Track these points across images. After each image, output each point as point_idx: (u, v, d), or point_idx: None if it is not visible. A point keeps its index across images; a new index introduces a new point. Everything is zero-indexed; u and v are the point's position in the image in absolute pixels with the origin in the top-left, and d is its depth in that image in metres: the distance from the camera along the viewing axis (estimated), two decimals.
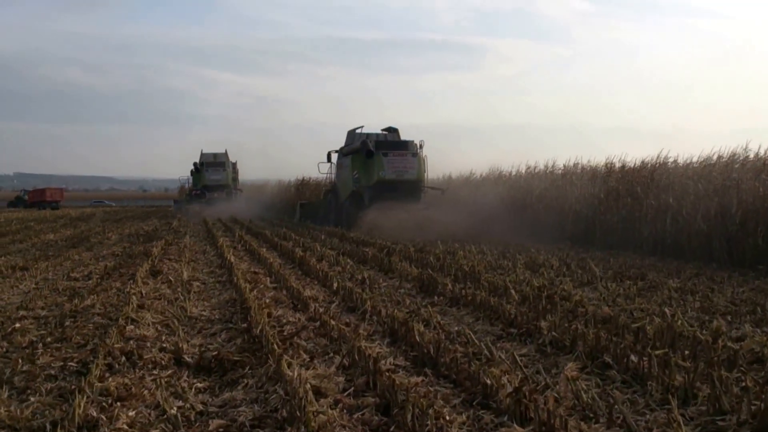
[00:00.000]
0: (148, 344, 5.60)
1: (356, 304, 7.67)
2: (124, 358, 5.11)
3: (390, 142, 22.22)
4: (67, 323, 6.65)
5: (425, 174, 22.44)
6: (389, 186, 21.06)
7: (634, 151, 22.46)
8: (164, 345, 5.61)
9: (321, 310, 7.08)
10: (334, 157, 24.45)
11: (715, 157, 14.86)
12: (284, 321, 6.72)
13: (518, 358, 5.50)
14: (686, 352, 5.44)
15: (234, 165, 38.75)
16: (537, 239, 17.81)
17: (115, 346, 5.26)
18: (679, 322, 6.03)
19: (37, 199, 63.54)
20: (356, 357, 5.09)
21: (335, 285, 8.85)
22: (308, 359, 5.27)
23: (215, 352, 5.37)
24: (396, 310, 7.12)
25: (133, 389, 4.33)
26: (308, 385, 4.35)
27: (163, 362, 5.14)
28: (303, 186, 34.76)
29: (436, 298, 8.52)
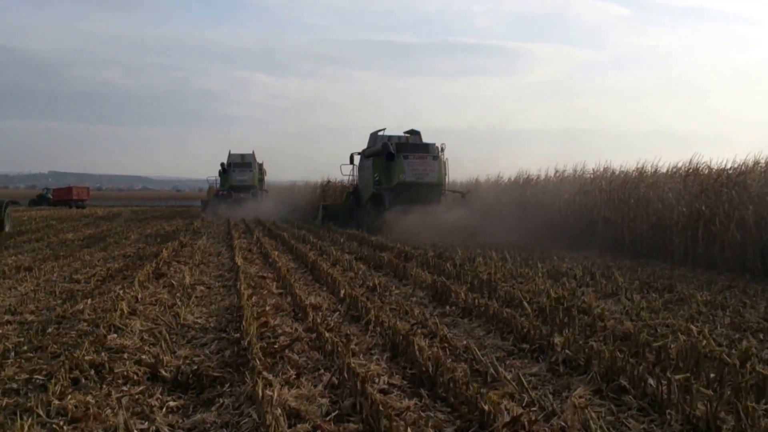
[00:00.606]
0: (125, 356, 5.21)
1: (361, 314, 7.23)
2: (93, 372, 4.71)
3: (411, 145, 22.09)
4: (50, 330, 6.31)
5: (446, 177, 22.32)
6: (410, 189, 20.91)
7: (668, 157, 21.60)
8: (143, 357, 5.21)
9: (319, 320, 6.64)
10: (357, 159, 24.40)
11: (750, 163, 14.14)
12: (280, 331, 6.30)
13: (525, 380, 5.02)
14: (711, 376, 4.92)
15: (260, 166, 38.58)
16: (564, 246, 17.21)
17: (85, 358, 4.87)
18: (705, 342, 5.50)
19: (63, 197, 63.64)
20: (345, 375, 4.65)
21: (342, 292, 8.42)
22: (295, 376, 4.84)
23: (195, 367, 4.96)
24: (399, 322, 6.67)
25: (92, 409, 3.92)
26: (285, 408, 3.93)
27: (136, 377, 4.75)
28: (327, 188, 34.74)
29: (448, 308, 8.05)
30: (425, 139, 22.91)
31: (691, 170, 15.59)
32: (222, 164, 37.45)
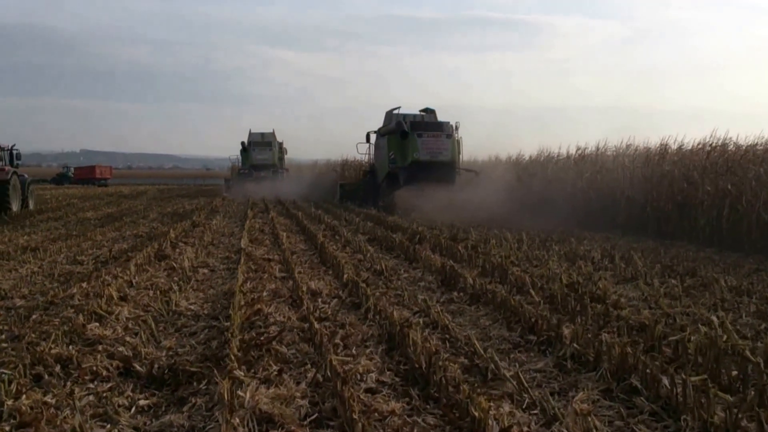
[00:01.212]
0: (100, 348, 4.89)
1: (361, 301, 6.87)
2: (58, 367, 4.40)
3: (425, 123, 21.96)
4: (34, 316, 6.03)
5: (459, 156, 22.22)
6: (423, 167, 20.85)
7: (695, 134, 20.77)
8: (119, 349, 4.89)
9: (313, 308, 6.29)
10: (373, 137, 24.31)
11: None
12: (272, 320, 5.94)
13: (528, 377, 4.65)
14: (733, 374, 4.49)
15: (281, 145, 38.61)
16: (586, 226, 16.73)
17: (51, 351, 4.54)
18: (726, 336, 5.06)
19: (86, 176, 63.94)
20: (329, 373, 4.30)
21: (345, 277, 8.07)
22: (277, 372, 4.48)
23: (172, 361, 4.64)
24: (399, 310, 6.31)
25: (47, 411, 3.61)
26: (255, 412, 3.59)
27: (106, 372, 4.43)
28: (346, 166, 34.68)
29: (456, 294, 7.66)
30: (441, 118, 22.67)
31: (716, 146, 14.96)
32: (242, 143, 37.49)
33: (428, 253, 10.08)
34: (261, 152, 36.95)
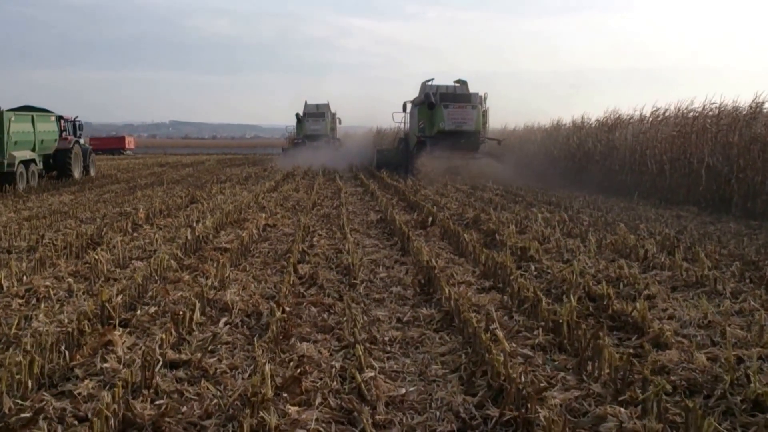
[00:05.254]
0: None
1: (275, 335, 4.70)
2: None
3: (453, 95, 22.84)
4: None
5: (485, 125, 23.28)
6: (449, 136, 21.77)
7: None
8: None
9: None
10: (409, 107, 25.15)
11: None
12: None
13: None
14: None
15: (334, 115, 39.38)
16: (656, 202, 14.09)
17: None
18: None
19: (113, 146, 63.33)
20: None
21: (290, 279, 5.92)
22: None
23: None
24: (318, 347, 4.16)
25: None
26: None
27: None
28: (383, 134, 35.74)
29: (424, 311, 5.38)
30: (474, 88, 23.38)
31: None
32: (297, 114, 37.91)
33: (430, 244, 7.83)
34: (315, 123, 37.36)
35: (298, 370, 3.68)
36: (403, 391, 3.70)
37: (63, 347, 3.93)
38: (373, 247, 8.39)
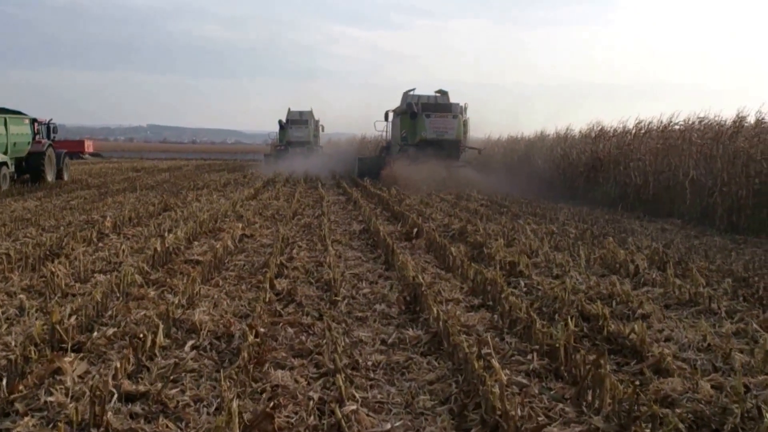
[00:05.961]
0: None
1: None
2: None
3: (435, 104, 23.27)
4: None
5: (465, 135, 23.69)
6: (431, 145, 22.13)
7: None
8: None
9: None
10: (391, 116, 25.47)
11: None
12: None
13: None
14: None
15: (317, 123, 39.15)
16: (639, 214, 13.91)
17: None
18: None
19: (74, 149, 62.29)
20: None
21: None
22: None
23: None
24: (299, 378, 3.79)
25: None
26: None
27: None
28: (365, 143, 35.42)
29: (411, 332, 5.03)
30: (455, 98, 23.80)
31: None
32: (280, 121, 37.83)
33: (414, 257, 7.50)
34: (297, 130, 37.32)
35: (271, 404, 3.31)
36: (388, 426, 3.35)
37: (4, 377, 3.50)
38: (356, 260, 8.03)
